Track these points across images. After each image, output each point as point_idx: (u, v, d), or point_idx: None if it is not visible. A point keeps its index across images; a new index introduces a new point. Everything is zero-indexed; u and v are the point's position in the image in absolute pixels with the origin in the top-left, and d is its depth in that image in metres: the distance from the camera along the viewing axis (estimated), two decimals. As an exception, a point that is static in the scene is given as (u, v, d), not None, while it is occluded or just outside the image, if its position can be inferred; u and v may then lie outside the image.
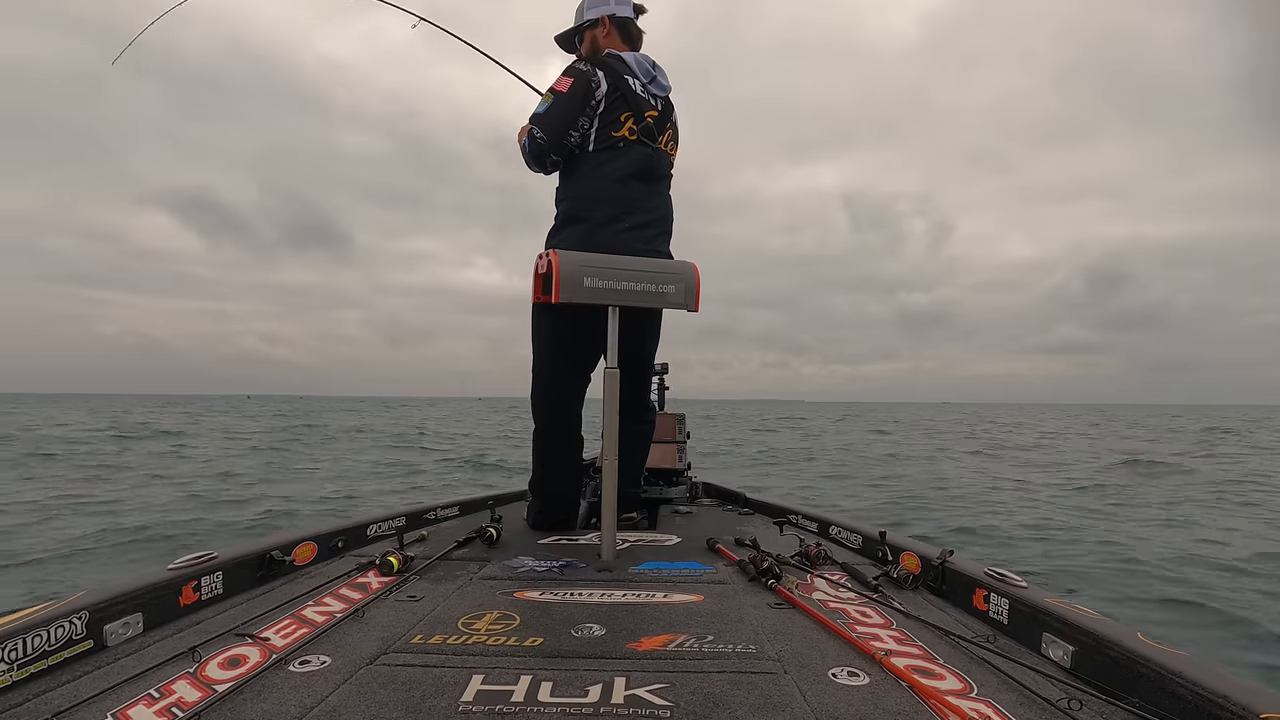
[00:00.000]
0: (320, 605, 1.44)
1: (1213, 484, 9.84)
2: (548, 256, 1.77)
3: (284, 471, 10.80)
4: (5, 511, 6.56)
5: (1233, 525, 6.60)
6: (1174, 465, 12.50)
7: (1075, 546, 5.53)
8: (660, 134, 2.19)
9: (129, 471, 10.24)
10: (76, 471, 10.06)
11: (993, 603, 1.41)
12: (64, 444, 14.65)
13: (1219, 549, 5.45)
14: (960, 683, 1.10)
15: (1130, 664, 1.05)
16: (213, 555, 1.50)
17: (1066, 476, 10.85)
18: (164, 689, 1.03)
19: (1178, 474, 11.26)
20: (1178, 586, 4.37)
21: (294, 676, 1.08)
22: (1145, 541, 5.72)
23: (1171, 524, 6.66)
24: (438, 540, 2.04)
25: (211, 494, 8.09)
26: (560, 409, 2.23)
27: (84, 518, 6.41)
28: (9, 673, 1.03)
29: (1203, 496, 8.60)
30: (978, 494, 8.72)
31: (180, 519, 6.43)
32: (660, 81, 2.20)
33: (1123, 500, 8.29)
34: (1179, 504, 7.99)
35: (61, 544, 5.27)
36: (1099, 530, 6.23)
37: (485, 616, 1.36)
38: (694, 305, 1.91)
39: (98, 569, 4.74)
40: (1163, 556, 5.12)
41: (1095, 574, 4.68)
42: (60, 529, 5.85)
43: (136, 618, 1.27)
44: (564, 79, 2.06)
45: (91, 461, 11.43)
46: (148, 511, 6.80)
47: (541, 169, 2.14)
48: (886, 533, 1.90)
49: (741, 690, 1.03)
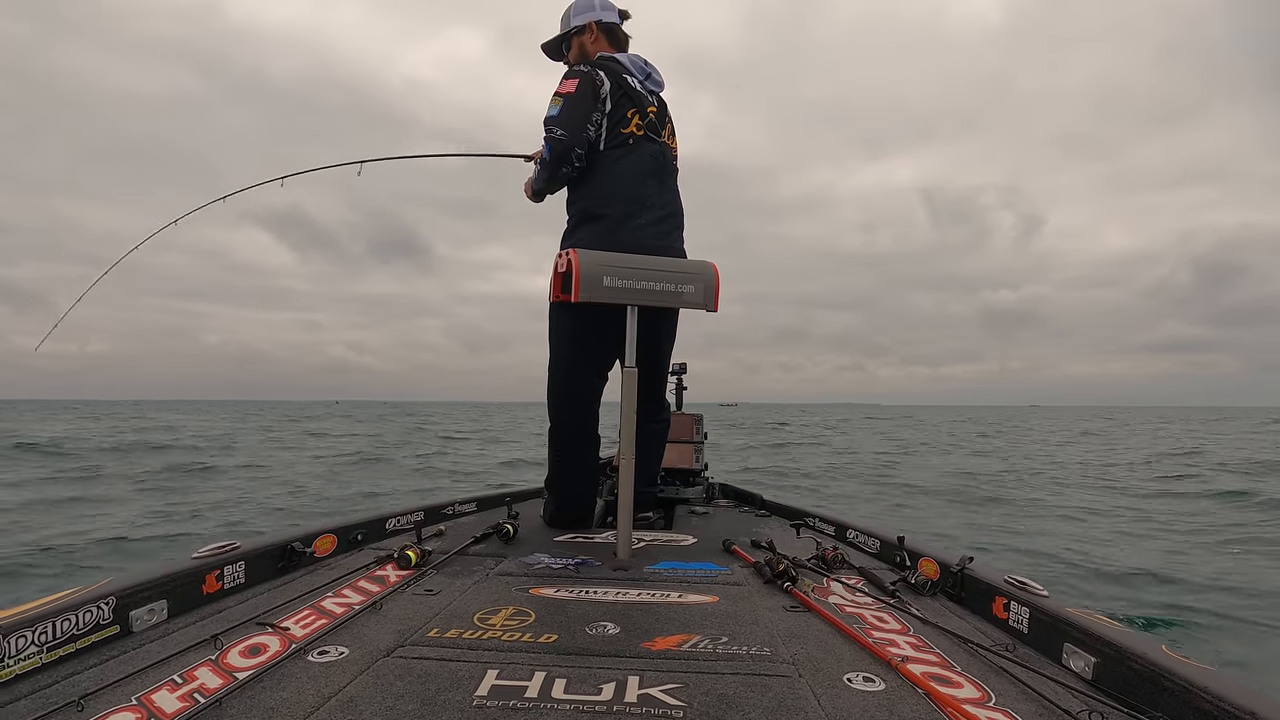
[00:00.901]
0: (339, 597, 1.46)
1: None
2: (567, 255, 1.78)
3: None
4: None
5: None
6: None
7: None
8: (663, 128, 2.21)
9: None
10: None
11: (1013, 611, 1.38)
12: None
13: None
14: (978, 691, 1.08)
15: (1154, 677, 1.03)
16: (235, 545, 1.53)
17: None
18: (187, 675, 1.05)
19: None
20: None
21: (313, 666, 1.10)
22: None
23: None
24: (455, 535, 2.06)
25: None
26: (577, 407, 2.24)
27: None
28: (39, 655, 1.06)
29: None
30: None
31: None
32: (655, 78, 2.22)
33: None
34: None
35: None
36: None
37: (501, 612, 1.36)
38: (713, 305, 1.91)
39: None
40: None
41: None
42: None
43: (161, 605, 1.30)
44: (568, 81, 2.07)
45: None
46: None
47: (568, 171, 2.09)
48: (905, 537, 1.88)
49: (755, 693, 1.03)
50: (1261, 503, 7.81)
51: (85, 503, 7.49)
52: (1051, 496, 8.67)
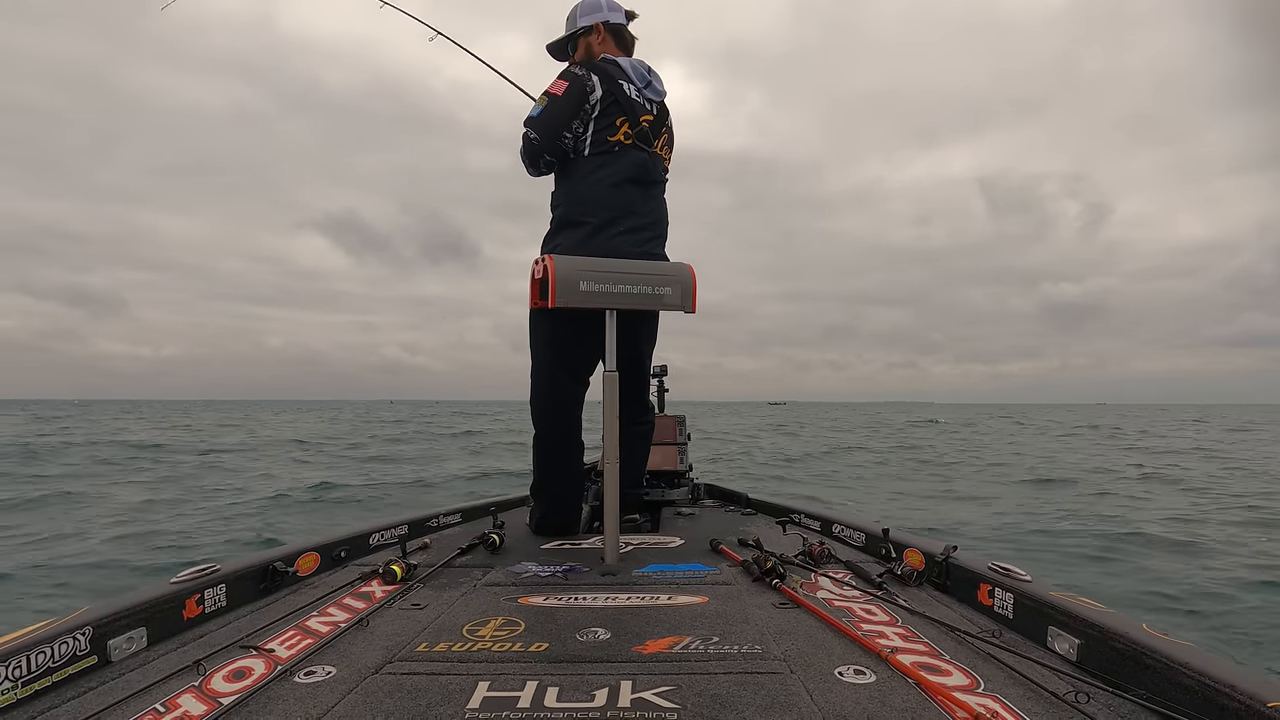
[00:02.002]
0: (324, 615, 1.44)
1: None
2: (543, 262, 1.78)
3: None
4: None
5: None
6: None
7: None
8: (656, 138, 2.20)
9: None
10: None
11: (997, 597, 1.41)
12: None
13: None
14: (967, 678, 1.10)
15: (1136, 655, 1.05)
16: (215, 568, 1.50)
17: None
18: (169, 703, 1.03)
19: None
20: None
21: (299, 687, 1.07)
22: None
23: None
24: (441, 547, 2.04)
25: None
26: (560, 413, 2.23)
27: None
28: (13, 690, 1.03)
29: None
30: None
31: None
32: (655, 86, 2.22)
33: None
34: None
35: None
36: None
37: (490, 623, 1.35)
38: (691, 306, 1.91)
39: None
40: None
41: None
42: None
43: (140, 632, 1.26)
44: (559, 82, 2.09)
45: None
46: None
47: (535, 170, 2.17)
48: (890, 530, 1.90)
49: (748, 691, 1.03)
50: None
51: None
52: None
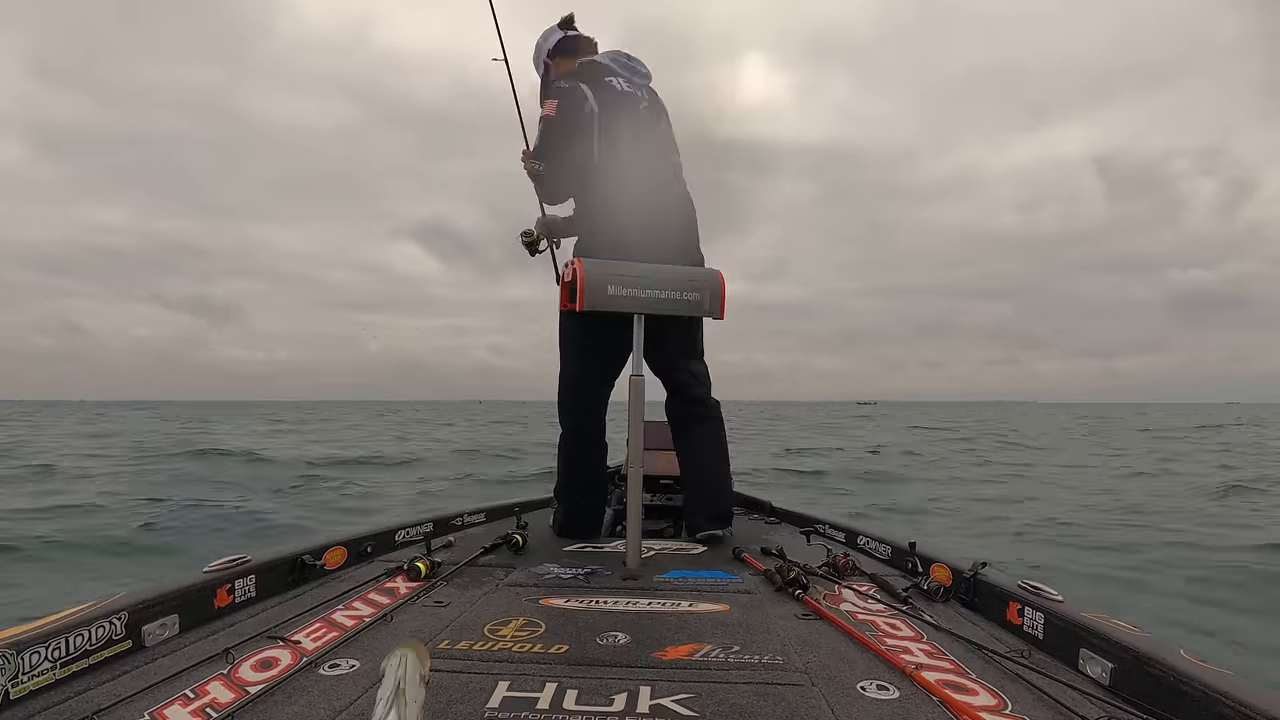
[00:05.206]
0: (350, 609, 1.46)
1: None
2: (573, 265, 1.79)
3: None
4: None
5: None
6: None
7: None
8: (656, 124, 2.22)
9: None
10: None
11: (1027, 617, 1.37)
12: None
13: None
14: (994, 699, 1.07)
15: (1173, 682, 1.01)
16: (246, 559, 1.54)
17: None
18: (199, 689, 1.06)
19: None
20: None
21: (324, 680, 1.09)
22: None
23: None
24: (465, 546, 2.06)
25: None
26: (587, 416, 2.24)
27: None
28: (53, 671, 1.07)
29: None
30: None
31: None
32: (640, 70, 2.23)
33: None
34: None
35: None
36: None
37: (511, 623, 1.36)
38: (719, 313, 1.91)
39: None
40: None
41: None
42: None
43: (173, 619, 1.30)
44: (549, 103, 2.13)
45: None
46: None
47: (551, 199, 2.23)
48: (916, 544, 1.87)
49: (768, 702, 1.02)
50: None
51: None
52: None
